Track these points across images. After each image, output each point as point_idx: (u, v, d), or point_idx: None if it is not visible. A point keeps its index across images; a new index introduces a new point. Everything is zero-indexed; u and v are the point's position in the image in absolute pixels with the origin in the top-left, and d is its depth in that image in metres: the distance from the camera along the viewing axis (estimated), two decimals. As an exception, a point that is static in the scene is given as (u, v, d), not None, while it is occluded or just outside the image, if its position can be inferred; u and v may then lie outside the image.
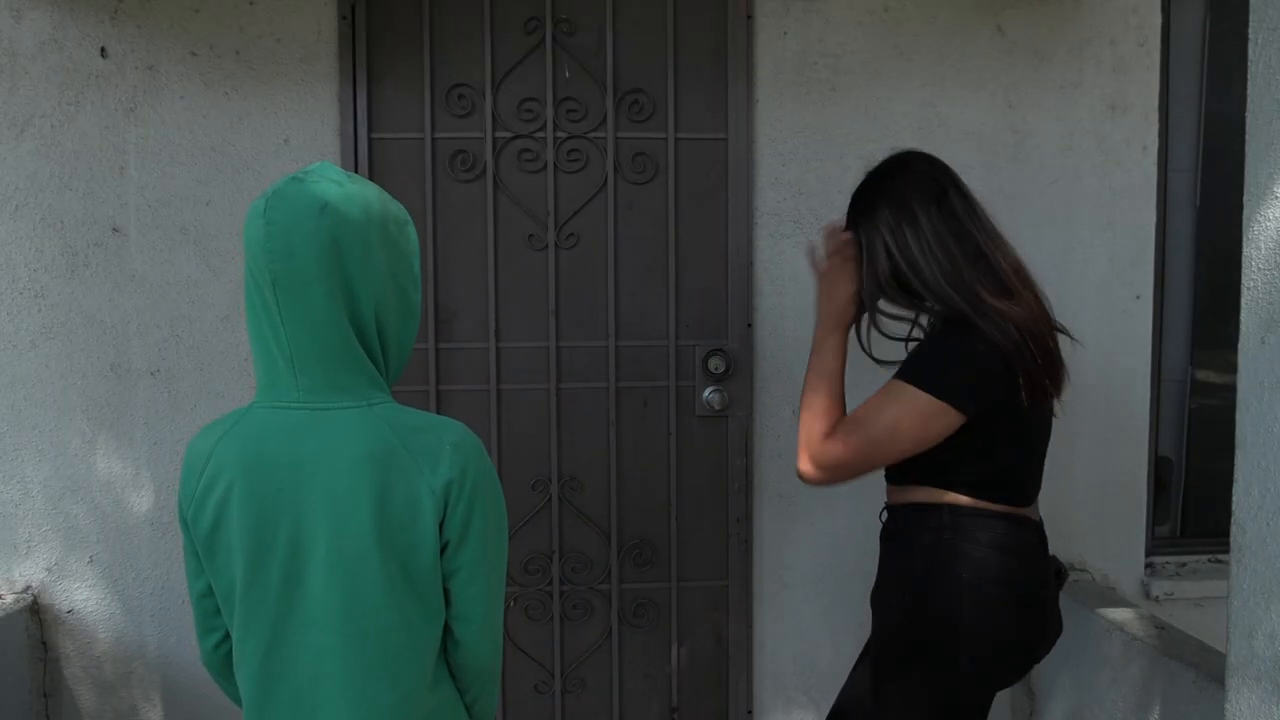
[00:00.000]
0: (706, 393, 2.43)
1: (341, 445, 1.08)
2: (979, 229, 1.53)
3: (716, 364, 2.43)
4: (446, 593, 1.16)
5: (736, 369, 2.44)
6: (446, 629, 1.18)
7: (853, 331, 1.66)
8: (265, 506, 1.09)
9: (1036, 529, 1.59)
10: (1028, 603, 1.53)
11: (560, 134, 2.37)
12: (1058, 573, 1.62)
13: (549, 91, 2.36)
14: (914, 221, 1.52)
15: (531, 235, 2.40)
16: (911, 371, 1.49)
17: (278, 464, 1.09)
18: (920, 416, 1.46)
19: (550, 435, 2.43)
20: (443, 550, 1.12)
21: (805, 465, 1.54)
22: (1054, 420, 1.62)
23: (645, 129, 2.39)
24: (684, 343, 2.45)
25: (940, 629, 1.51)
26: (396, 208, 1.16)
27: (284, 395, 1.10)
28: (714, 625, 2.51)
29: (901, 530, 1.61)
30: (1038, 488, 1.62)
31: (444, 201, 2.38)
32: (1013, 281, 1.51)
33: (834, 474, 1.53)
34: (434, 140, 2.36)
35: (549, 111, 2.36)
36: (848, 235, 1.63)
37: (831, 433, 1.53)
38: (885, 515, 1.68)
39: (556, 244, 2.40)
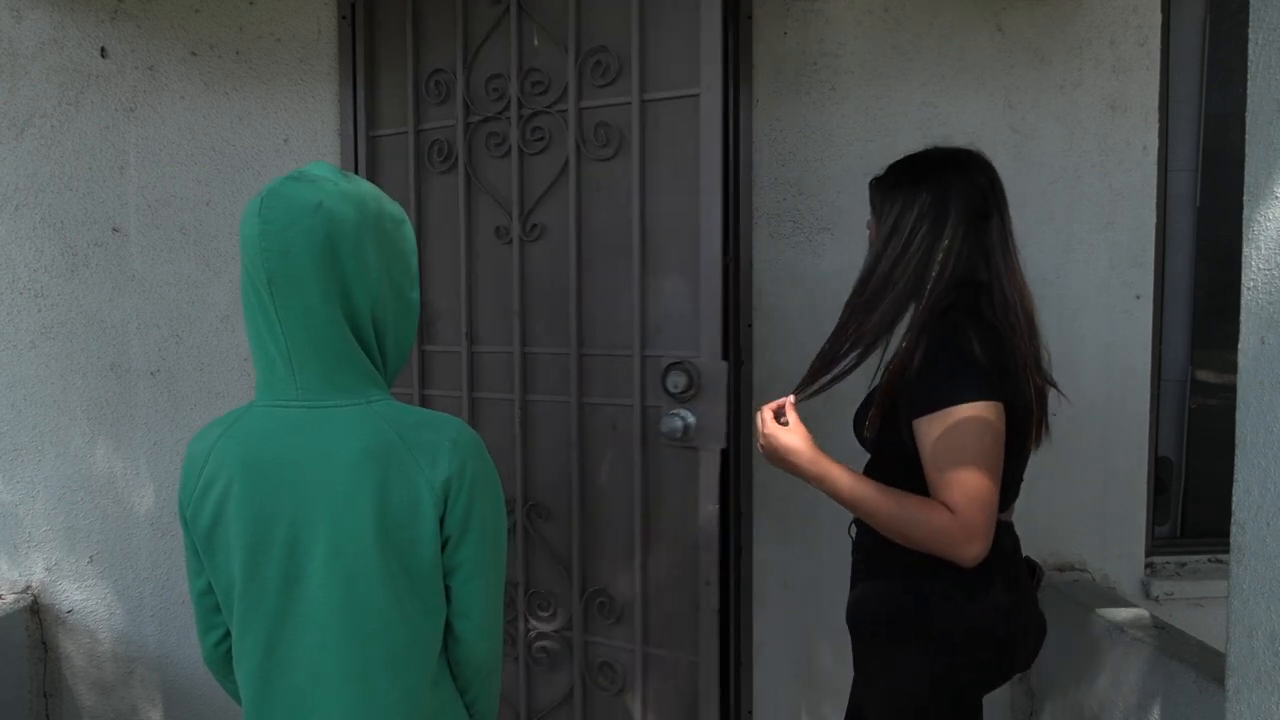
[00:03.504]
0: (665, 419, 1.85)
1: (340, 443, 1.08)
2: (1002, 262, 1.50)
3: (675, 381, 1.85)
4: (446, 590, 1.16)
5: (701, 390, 1.84)
6: (446, 626, 1.18)
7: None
8: (264, 505, 1.09)
9: (1009, 530, 1.58)
10: (1006, 596, 1.51)
11: (525, 110, 2.05)
12: (1032, 572, 1.61)
13: (514, 64, 2.04)
14: (941, 223, 1.49)
15: (499, 227, 2.11)
16: (940, 394, 1.40)
17: (276, 462, 1.09)
18: (986, 424, 1.37)
19: (515, 453, 2.09)
20: (442, 547, 1.13)
21: (962, 551, 1.36)
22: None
23: (610, 94, 1.95)
24: (650, 354, 1.95)
25: (924, 639, 1.49)
26: (392, 206, 1.16)
27: (282, 394, 1.10)
28: (686, 701, 1.97)
29: (877, 543, 1.56)
30: (1014, 496, 1.58)
31: (427, 195, 2.20)
32: (1015, 319, 1.47)
33: (985, 531, 1.36)
34: (417, 133, 2.19)
35: (513, 88, 2.04)
36: (776, 408, 1.58)
37: (942, 507, 1.37)
38: (854, 530, 1.64)
39: (522, 237, 2.08)
